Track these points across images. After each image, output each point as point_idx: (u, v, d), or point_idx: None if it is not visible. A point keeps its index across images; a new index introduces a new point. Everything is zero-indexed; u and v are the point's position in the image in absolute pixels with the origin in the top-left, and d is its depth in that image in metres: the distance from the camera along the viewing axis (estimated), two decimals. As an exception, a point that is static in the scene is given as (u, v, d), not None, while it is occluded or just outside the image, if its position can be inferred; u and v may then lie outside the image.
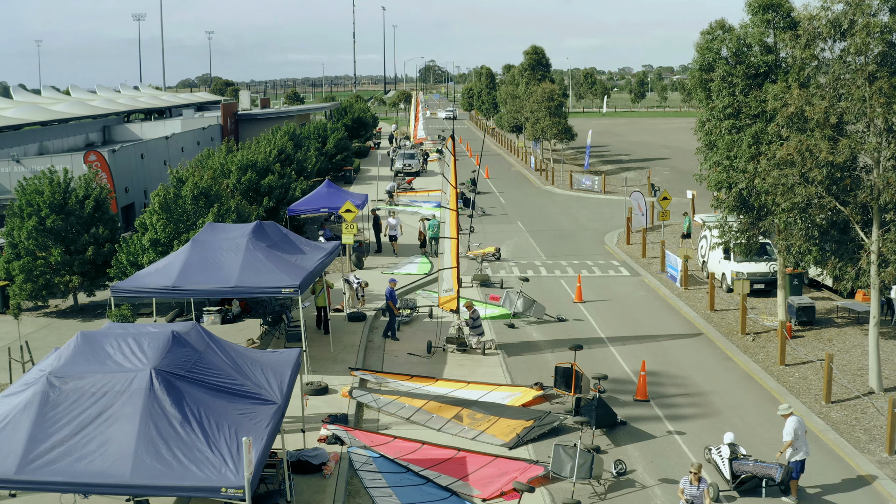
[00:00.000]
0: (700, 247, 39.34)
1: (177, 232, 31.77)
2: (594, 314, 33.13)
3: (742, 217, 29.84)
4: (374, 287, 36.06)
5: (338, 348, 28.21)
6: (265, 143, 50.08)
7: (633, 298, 35.63)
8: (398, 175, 75.14)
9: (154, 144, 57.43)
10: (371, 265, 40.70)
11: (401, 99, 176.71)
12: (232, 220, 31.98)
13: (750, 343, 29.65)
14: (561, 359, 27.61)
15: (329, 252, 28.73)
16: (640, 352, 28.69)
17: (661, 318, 32.94)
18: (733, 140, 28.60)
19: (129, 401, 14.30)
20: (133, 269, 31.48)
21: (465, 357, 28.00)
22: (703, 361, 28.04)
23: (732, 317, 32.60)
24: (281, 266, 25.22)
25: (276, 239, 27.36)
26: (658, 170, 78.77)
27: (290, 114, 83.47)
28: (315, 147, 68.37)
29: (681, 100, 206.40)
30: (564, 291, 36.58)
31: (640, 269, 40.49)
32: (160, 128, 74.16)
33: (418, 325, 31.76)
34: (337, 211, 39.87)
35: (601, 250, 45.14)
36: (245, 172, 41.51)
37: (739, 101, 28.38)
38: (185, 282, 24.80)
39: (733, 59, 28.75)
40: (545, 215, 55.90)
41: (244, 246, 25.77)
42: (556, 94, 77.60)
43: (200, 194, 32.27)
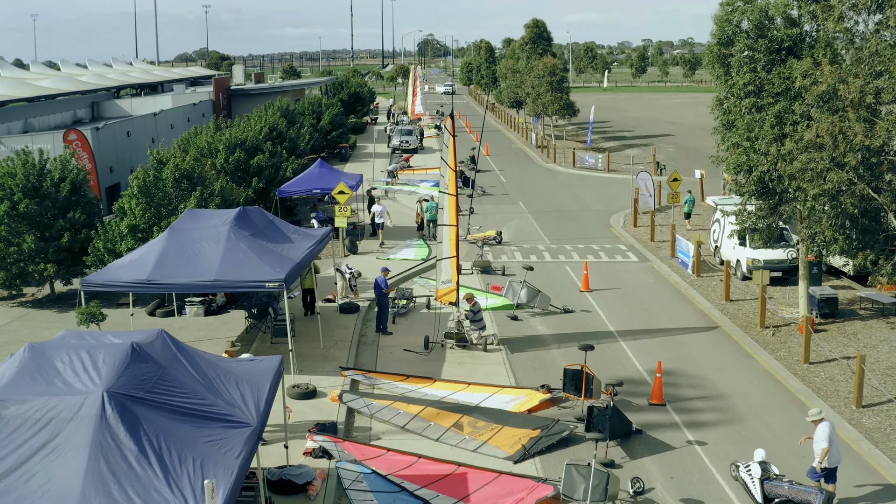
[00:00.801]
0: (712, 231, 37.31)
1: (157, 217, 29.75)
2: (602, 304, 31.15)
3: (761, 202, 27.79)
4: (367, 274, 34.00)
5: (328, 344, 26.24)
6: (256, 120, 47.95)
7: (642, 287, 33.63)
8: (395, 152, 72.97)
9: (141, 121, 55.21)
10: (366, 249, 38.67)
11: (399, 73, 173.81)
12: (216, 204, 29.93)
13: (770, 338, 27.70)
14: (568, 355, 25.71)
15: (319, 240, 26.70)
16: (653, 347, 26.76)
17: (674, 308, 30.96)
18: (754, 120, 26.48)
19: (78, 430, 12.30)
20: (111, 256, 29.51)
21: (465, 354, 26.03)
22: (721, 359, 26.08)
23: (749, 308, 30.64)
24: (265, 257, 23.18)
25: (261, 226, 25.31)
26: (662, 147, 76.61)
27: (285, 88, 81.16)
28: (309, 123, 66.18)
29: (682, 74, 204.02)
30: (570, 279, 34.58)
31: (649, 254, 38.47)
32: (150, 103, 71.85)
33: (415, 316, 29.77)
34: (329, 192, 37.81)
35: (607, 233, 43.11)
36: (233, 152, 39.42)
37: (761, 78, 26.23)
38: (160, 275, 22.77)
39: (755, 33, 26.58)
40: (548, 195, 53.81)
41: (226, 235, 23.73)
42: (558, 68, 75.27)
43: (182, 177, 30.18)
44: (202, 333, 27.78)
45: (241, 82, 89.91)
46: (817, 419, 17.68)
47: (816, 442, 17.40)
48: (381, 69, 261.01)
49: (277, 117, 50.71)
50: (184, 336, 27.40)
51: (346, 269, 30.88)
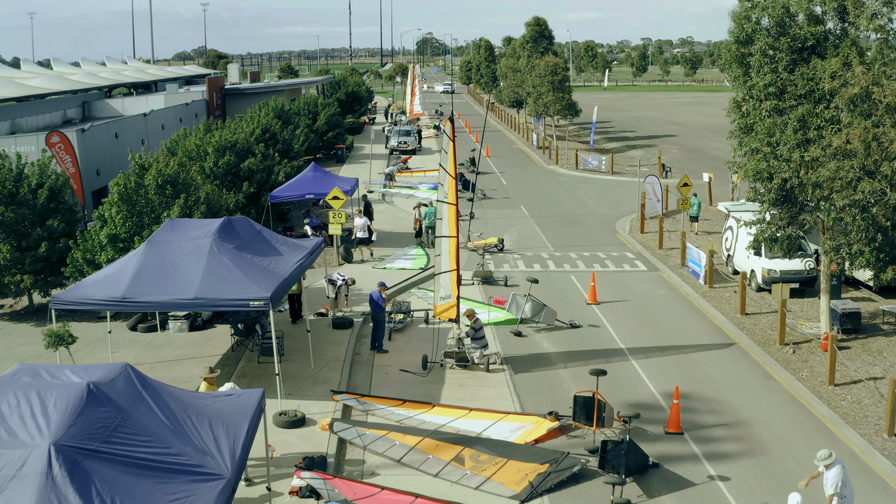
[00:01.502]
0: (724, 240, 35.58)
1: (139, 226, 28.04)
2: (611, 318, 29.43)
3: (781, 211, 26.08)
4: (362, 284, 32.29)
5: (319, 363, 24.50)
6: (248, 121, 46.21)
7: (652, 298, 31.91)
8: (393, 153, 71.21)
9: (130, 122, 53.44)
10: (360, 258, 36.88)
11: (397, 72, 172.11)
12: (201, 212, 28.19)
13: (790, 356, 25.99)
14: (576, 376, 24.04)
15: (310, 252, 24.96)
16: (667, 367, 25.04)
17: (687, 323, 29.25)
18: (775, 124, 24.77)
19: (21, 490, 10.60)
20: (90, 268, 27.81)
21: (465, 374, 24.30)
22: (739, 379, 24.36)
23: (767, 322, 28.93)
24: (250, 273, 21.45)
25: (246, 238, 23.57)
26: (666, 148, 74.91)
27: (280, 88, 79.38)
28: (305, 124, 64.48)
29: (683, 73, 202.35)
30: (576, 290, 32.85)
31: (658, 262, 36.75)
32: (142, 103, 70.05)
33: (412, 332, 28.04)
34: (323, 198, 36.07)
35: (613, 239, 41.38)
36: (223, 155, 37.65)
37: (783, 79, 24.51)
38: (137, 292, 21.03)
39: (776, 31, 24.86)
40: (550, 198, 52.07)
41: (208, 248, 21.98)
42: (560, 67, 73.53)
43: (166, 183, 28.44)
44: (185, 350, 26.07)
45: (237, 81, 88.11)
46: (828, 463, 16.02)
47: (825, 486, 15.75)
48: (380, 68, 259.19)
49: (271, 118, 48.94)
50: (166, 353, 25.77)
51: (338, 278, 29.13)
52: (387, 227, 42.82)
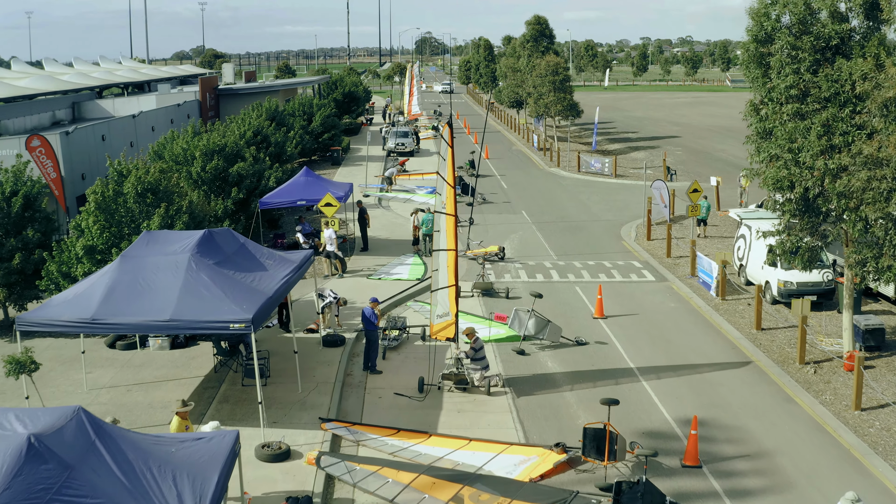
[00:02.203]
0: (736, 248, 33.89)
1: (118, 237, 26.34)
2: (619, 335, 27.74)
3: (801, 222, 24.40)
4: (356, 296, 30.64)
5: (307, 387, 22.80)
6: (239, 124, 44.50)
7: (662, 312, 30.21)
8: (391, 155, 69.48)
9: (118, 124, 51.70)
10: (355, 267, 35.19)
11: (396, 72, 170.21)
12: (183, 222, 26.49)
13: (811, 376, 24.31)
14: (584, 399, 22.38)
15: (298, 266, 23.26)
16: (681, 389, 23.36)
17: (700, 339, 27.56)
18: (797, 129, 23.09)
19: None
20: (66, 281, 26.13)
21: (465, 398, 22.60)
22: (759, 403, 22.68)
23: (784, 338, 27.26)
24: (231, 292, 19.75)
25: (229, 252, 21.86)
26: (670, 149, 73.20)
27: (275, 88, 77.59)
28: (300, 125, 62.73)
29: (684, 73, 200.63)
30: (581, 302, 31.15)
31: (667, 272, 35.05)
32: (134, 104, 68.33)
33: (408, 350, 26.34)
34: (315, 204, 34.39)
35: (619, 247, 39.68)
36: (211, 159, 35.94)
37: (806, 81, 22.82)
38: (108, 312, 19.34)
39: (797, 29, 23.17)
40: (552, 203, 50.35)
41: (185, 264, 20.28)
42: (561, 67, 71.76)
43: (146, 191, 26.74)
44: (165, 371, 24.36)
45: (231, 81, 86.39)
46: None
47: None
48: (379, 67, 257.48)
49: (263, 120, 47.21)
50: (145, 374, 24.11)
51: (329, 295, 27.48)
52: (383, 233, 41.13)
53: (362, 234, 38.11)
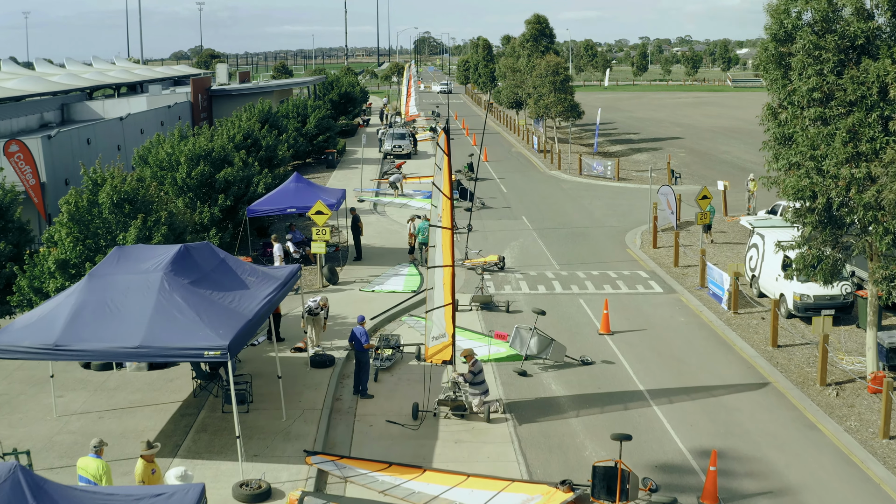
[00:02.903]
0: (748, 258, 32.23)
1: (93, 250, 24.69)
2: (627, 352, 26.08)
3: (823, 234, 22.76)
4: (347, 311, 28.99)
5: (293, 414, 21.12)
6: (228, 126, 42.81)
7: (672, 327, 28.55)
8: (387, 157, 67.83)
9: (104, 126, 50.00)
10: (347, 278, 33.51)
11: (393, 72, 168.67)
12: (162, 234, 24.83)
13: (833, 399, 22.66)
14: (591, 427, 20.76)
15: (283, 282, 21.59)
16: (695, 415, 21.71)
17: (713, 357, 25.90)
18: (820, 134, 21.44)
19: None
20: (39, 297, 24.49)
21: (463, 426, 20.93)
22: (779, 431, 21.01)
23: (802, 356, 25.62)
24: (207, 314, 18.07)
25: (206, 269, 20.19)
26: (673, 151, 71.59)
27: (270, 89, 75.94)
28: (294, 127, 61.15)
29: (685, 73, 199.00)
30: (586, 317, 29.49)
31: (674, 282, 33.39)
32: (124, 105, 66.70)
33: (402, 370, 24.66)
34: (306, 212, 32.72)
35: (624, 255, 38.00)
36: (196, 164, 34.26)
37: (830, 83, 21.17)
38: (72, 338, 17.68)
39: (821, 27, 21.52)
40: (554, 208, 48.68)
41: (158, 284, 18.61)
42: (562, 67, 70.11)
43: (123, 201, 25.08)
44: (141, 395, 22.68)
45: (225, 82, 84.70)
46: None
47: None
48: (377, 67, 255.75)
49: (253, 122, 45.51)
50: (120, 398, 22.48)
51: (312, 303, 25.55)
52: (377, 241, 39.46)
53: (355, 243, 36.44)
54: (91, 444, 16.11)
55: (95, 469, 15.61)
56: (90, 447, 16.04)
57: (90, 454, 15.90)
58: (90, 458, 15.81)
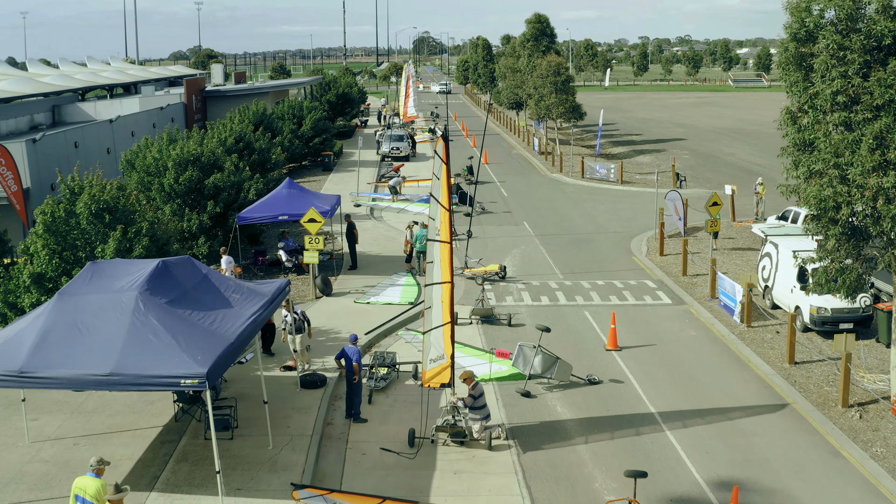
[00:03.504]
0: (761, 268, 30.83)
1: (71, 262, 23.35)
2: (636, 370, 24.66)
3: (846, 247, 21.36)
4: (341, 324, 27.61)
5: (280, 441, 19.70)
6: (219, 130, 41.41)
7: (682, 342, 27.14)
8: (385, 160, 66.43)
9: (94, 129, 48.54)
10: (342, 289, 32.09)
11: (392, 72, 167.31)
12: (143, 246, 23.43)
13: (857, 422, 21.26)
14: (600, 456, 19.37)
15: (270, 299, 20.18)
16: (710, 440, 20.31)
17: (727, 375, 24.48)
18: (844, 141, 20.05)
19: None
20: (13, 313, 23.14)
21: (462, 455, 19.51)
22: (802, 458, 19.61)
23: (821, 374, 24.22)
24: (185, 338, 16.66)
25: (187, 286, 18.78)
26: (677, 153, 70.28)
27: (265, 90, 74.54)
28: (289, 129, 59.78)
29: (685, 73, 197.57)
30: (591, 330, 28.08)
31: (683, 293, 31.97)
32: (116, 107, 65.34)
33: (398, 391, 23.24)
34: (298, 220, 31.31)
35: (629, 263, 36.59)
36: (185, 169, 32.85)
37: (856, 86, 19.77)
38: (38, 364, 16.29)
39: (845, 26, 20.13)
40: (556, 213, 47.25)
41: (132, 304, 17.20)
42: (563, 67, 68.72)
43: (102, 210, 23.69)
44: (120, 419, 21.25)
45: (221, 82, 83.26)
46: None
47: None
48: (376, 67, 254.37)
49: (246, 125, 44.10)
50: (96, 422, 21.08)
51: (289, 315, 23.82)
52: (373, 248, 38.05)
53: (350, 251, 35.02)
54: (90, 462, 15.21)
55: (96, 491, 14.68)
56: (89, 465, 15.18)
57: (89, 473, 15.02)
58: (89, 479, 14.87)
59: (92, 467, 15.00)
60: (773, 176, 55.89)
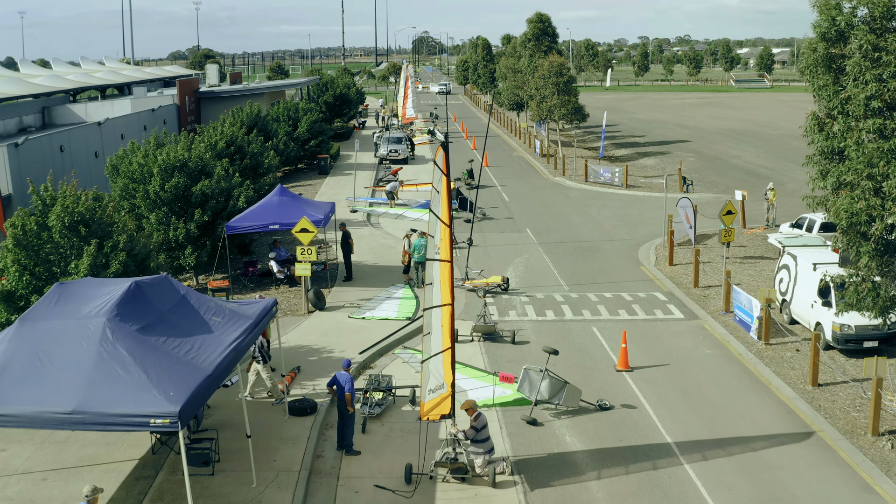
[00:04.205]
0: (778, 281, 29.23)
1: (43, 279, 21.72)
2: (649, 394, 23.04)
3: (879, 264, 19.77)
4: (334, 343, 26.02)
5: (265, 477, 18.09)
6: (210, 133, 39.81)
7: (697, 361, 25.51)
8: (383, 163, 64.84)
9: (80, 133, 46.87)
10: (336, 302, 30.46)
11: (391, 72, 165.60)
12: (119, 262, 21.81)
13: (888, 453, 19.68)
14: (614, 494, 17.72)
15: (255, 322, 18.58)
16: (732, 474, 18.71)
17: (747, 400, 22.85)
18: (878, 150, 18.46)
19: None
20: (-19, 332, 21.45)
21: (463, 493, 17.89)
22: (832, 495, 18.00)
23: (847, 397, 22.61)
24: (157, 371, 15.05)
25: (162, 309, 17.16)
26: (681, 155, 68.67)
27: (260, 91, 72.80)
28: (284, 131, 58.17)
29: (687, 73, 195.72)
30: (600, 349, 26.46)
31: (696, 306, 30.36)
32: (107, 108, 63.72)
33: (394, 418, 21.59)
34: (290, 229, 29.69)
35: (638, 273, 34.95)
36: (171, 176, 31.23)
37: (892, 90, 18.18)
38: (-6, 400, 14.68)
39: (880, 25, 18.54)
40: (559, 219, 45.62)
41: (100, 333, 15.58)
42: (566, 68, 67.09)
43: (77, 223, 22.07)
44: (93, 451, 19.62)
45: (216, 83, 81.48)
46: None
47: None
48: (375, 67, 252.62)
49: (237, 128, 42.45)
50: (68, 454, 19.47)
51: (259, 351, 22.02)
52: (369, 258, 36.42)
53: (345, 261, 33.36)
54: (83, 492, 14.36)
55: None
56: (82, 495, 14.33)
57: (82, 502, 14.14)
58: None
59: (87, 497, 14.16)
60: (781, 180, 54.34)
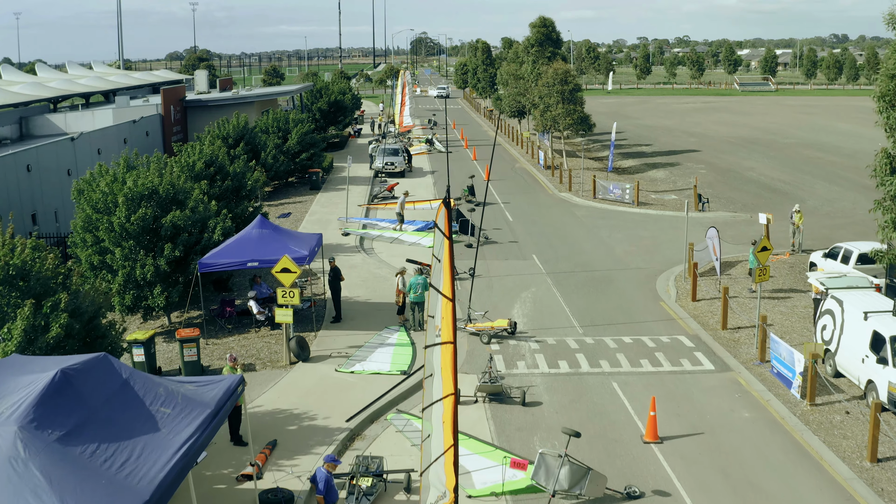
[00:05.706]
0: (821, 328, 25.92)
1: (-27, 341, 18.41)
2: (684, 475, 19.69)
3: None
4: (317, 406, 22.69)
5: None
6: (188, 153, 36.50)
7: (735, 428, 22.14)
8: (378, 176, 61.53)
9: (50, 150, 43.45)
10: (322, 350, 27.09)
11: (389, 75, 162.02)
12: (61, 325, 18.47)
13: (978, 558, 16.37)
14: None
15: (216, 409, 15.24)
16: None
17: (796, 480, 19.53)
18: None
19: None
20: None
21: None
22: None
23: (916, 478, 19.31)
24: (81, 497, 11.72)
25: (95, 403, 13.81)
26: (691, 167, 65.43)
27: (250, 99, 69.39)
28: (274, 144, 54.84)
29: (690, 76, 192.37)
30: (623, 411, 23.11)
31: (726, 354, 27.04)
32: (88, 118, 60.42)
33: (386, 508, 18.31)
34: (271, 267, 26.36)
35: (658, 311, 31.57)
36: (138, 206, 27.90)
37: None
38: None
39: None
40: (568, 242, 42.25)
41: (9, 447, 12.23)
42: (570, 75, 63.75)
43: (12, 277, 18.74)
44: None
45: (205, 90, 78.07)
46: None
47: None
48: (372, 69, 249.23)
49: (217, 146, 39.11)
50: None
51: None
52: (361, 292, 33.05)
53: (334, 300, 29.99)
54: None
55: None
56: None
57: None
58: None
59: None
60: (800, 196, 51.13)
